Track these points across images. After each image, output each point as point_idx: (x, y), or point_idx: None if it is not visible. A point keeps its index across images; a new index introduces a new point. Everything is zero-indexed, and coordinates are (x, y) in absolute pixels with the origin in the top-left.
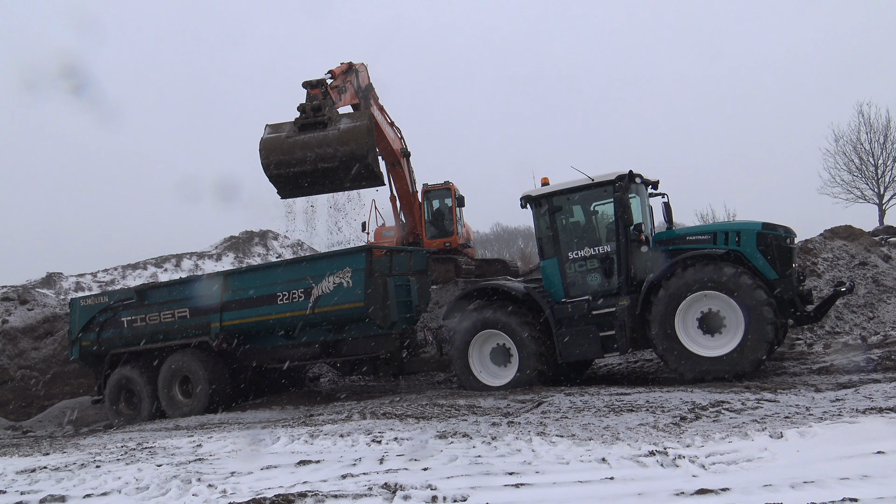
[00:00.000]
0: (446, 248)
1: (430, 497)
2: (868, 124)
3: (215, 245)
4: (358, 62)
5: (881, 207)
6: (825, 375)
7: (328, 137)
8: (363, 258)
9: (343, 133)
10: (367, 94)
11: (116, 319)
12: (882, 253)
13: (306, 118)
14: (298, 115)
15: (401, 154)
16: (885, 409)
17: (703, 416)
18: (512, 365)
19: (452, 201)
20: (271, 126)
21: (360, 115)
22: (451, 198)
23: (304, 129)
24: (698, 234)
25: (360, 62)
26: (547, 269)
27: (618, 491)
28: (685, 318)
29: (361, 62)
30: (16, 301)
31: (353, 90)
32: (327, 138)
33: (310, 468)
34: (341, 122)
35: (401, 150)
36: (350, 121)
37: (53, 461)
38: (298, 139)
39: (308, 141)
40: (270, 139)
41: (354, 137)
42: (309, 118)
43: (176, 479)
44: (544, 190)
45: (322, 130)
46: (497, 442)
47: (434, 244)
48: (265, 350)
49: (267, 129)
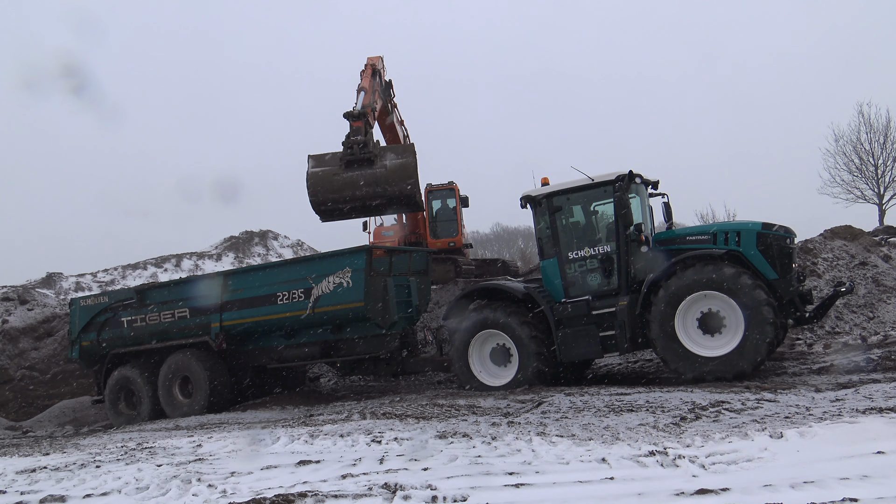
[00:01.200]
0: (450, 248)
1: (430, 497)
2: (868, 124)
3: (215, 245)
4: (374, 56)
5: (881, 207)
6: (825, 375)
7: (376, 176)
8: (363, 258)
9: (390, 172)
10: (387, 92)
11: (116, 319)
12: (882, 253)
13: (352, 154)
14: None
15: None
16: (885, 409)
17: (703, 416)
18: (512, 365)
19: (457, 201)
20: (315, 158)
21: (404, 149)
22: (454, 198)
23: (350, 165)
24: (698, 234)
25: (376, 56)
26: (547, 269)
27: (618, 491)
28: (685, 318)
29: (378, 56)
30: (16, 301)
31: (380, 95)
32: (375, 177)
33: (310, 468)
34: (387, 159)
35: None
36: (395, 157)
37: (53, 461)
38: (346, 177)
39: (356, 179)
40: (317, 175)
41: (402, 177)
42: (355, 155)
43: (176, 479)
44: (544, 190)
45: (369, 168)
46: (497, 442)
47: (438, 244)
48: (265, 350)
49: (311, 161)
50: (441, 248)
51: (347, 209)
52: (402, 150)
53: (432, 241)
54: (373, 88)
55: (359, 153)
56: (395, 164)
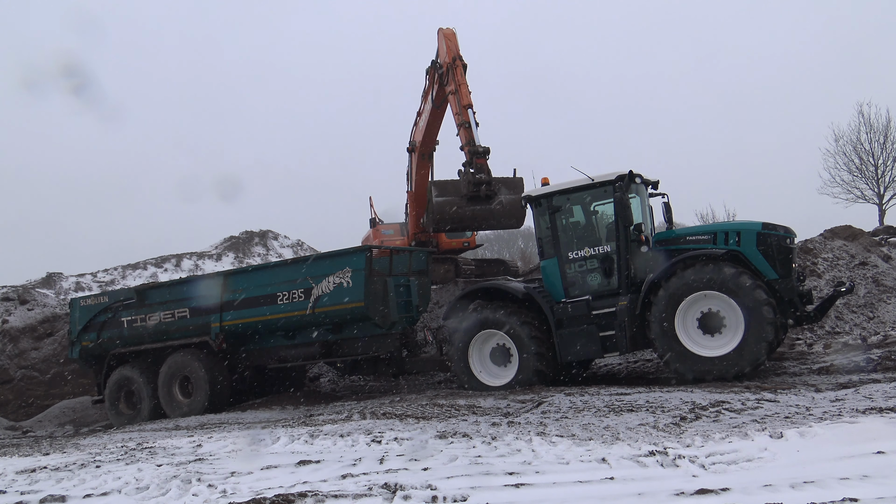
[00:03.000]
0: (464, 248)
1: (430, 497)
2: (868, 124)
3: (215, 245)
4: (447, 29)
5: (881, 207)
6: (825, 375)
7: (493, 212)
8: (363, 258)
9: (505, 209)
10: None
11: (116, 319)
12: (882, 253)
13: (476, 192)
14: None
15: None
16: (885, 409)
17: (703, 416)
18: (512, 365)
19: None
20: (438, 186)
21: (514, 184)
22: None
23: (471, 200)
24: (698, 234)
25: (448, 29)
26: (547, 269)
27: (618, 491)
28: (685, 318)
29: (450, 29)
30: (16, 301)
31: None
32: (492, 212)
33: (310, 468)
34: (502, 194)
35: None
36: (509, 193)
37: (53, 461)
38: (467, 211)
39: (476, 214)
40: (442, 205)
41: (514, 213)
42: (478, 192)
43: (176, 479)
44: (544, 190)
45: (488, 204)
46: (497, 442)
47: (453, 244)
48: (265, 350)
49: (434, 189)
50: (454, 248)
51: (460, 229)
52: (513, 184)
53: (447, 241)
54: (460, 80)
55: (483, 192)
56: (509, 201)
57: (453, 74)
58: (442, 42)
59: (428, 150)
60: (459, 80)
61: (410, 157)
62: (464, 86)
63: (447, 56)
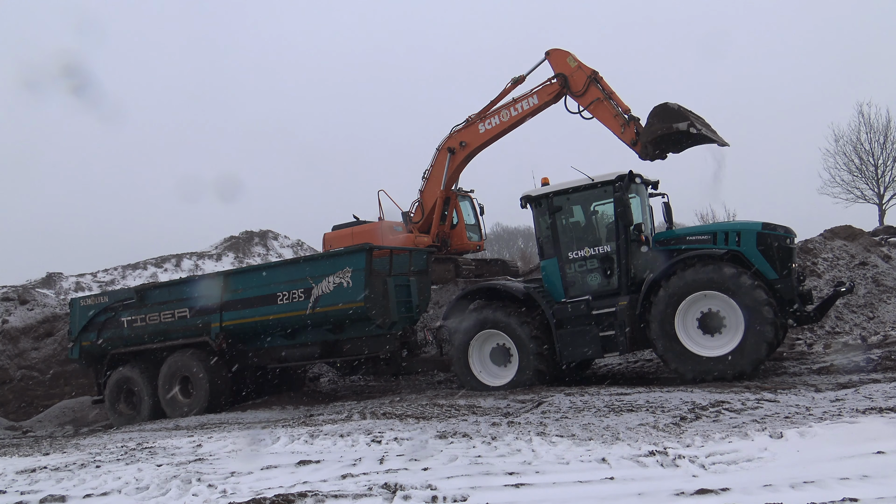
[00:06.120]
0: (477, 250)
1: (430, 497)
2: (868, 124)
3: (215, 245)
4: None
5: (881, 207)
6: (825, 375)
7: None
8: (363, 258)
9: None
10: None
11: (116, 319)
12: (882, 253)
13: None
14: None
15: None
16: (885, 409)
17: (703, 416)
18: (512, 365)
19: (475, 206)
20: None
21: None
22: (473, 203)
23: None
24: (698, 234)
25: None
26: (547, 269)
27: (618, 491)
28: (685, 318)
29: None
30: (16, 301)
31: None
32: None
33: (310, 468)
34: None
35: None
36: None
37: (53, 461)
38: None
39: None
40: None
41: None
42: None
43: (176, 479)
44: (544, 190)
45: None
46: (497, 442)
47: (471, 246)
48: (265, 350)
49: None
50: (466, 249)
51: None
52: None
53: (467, 243)
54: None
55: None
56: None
57: (599, 84)
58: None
59: (478, 151)
60: (608, 88)
61: (449, 158)
62: (614, 93)
63: (587, 69)
